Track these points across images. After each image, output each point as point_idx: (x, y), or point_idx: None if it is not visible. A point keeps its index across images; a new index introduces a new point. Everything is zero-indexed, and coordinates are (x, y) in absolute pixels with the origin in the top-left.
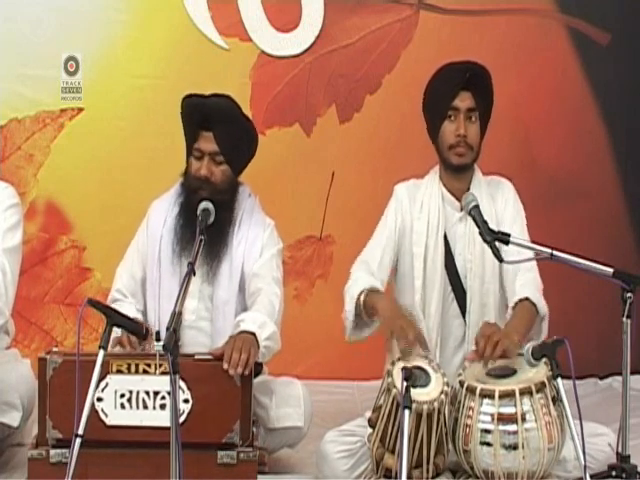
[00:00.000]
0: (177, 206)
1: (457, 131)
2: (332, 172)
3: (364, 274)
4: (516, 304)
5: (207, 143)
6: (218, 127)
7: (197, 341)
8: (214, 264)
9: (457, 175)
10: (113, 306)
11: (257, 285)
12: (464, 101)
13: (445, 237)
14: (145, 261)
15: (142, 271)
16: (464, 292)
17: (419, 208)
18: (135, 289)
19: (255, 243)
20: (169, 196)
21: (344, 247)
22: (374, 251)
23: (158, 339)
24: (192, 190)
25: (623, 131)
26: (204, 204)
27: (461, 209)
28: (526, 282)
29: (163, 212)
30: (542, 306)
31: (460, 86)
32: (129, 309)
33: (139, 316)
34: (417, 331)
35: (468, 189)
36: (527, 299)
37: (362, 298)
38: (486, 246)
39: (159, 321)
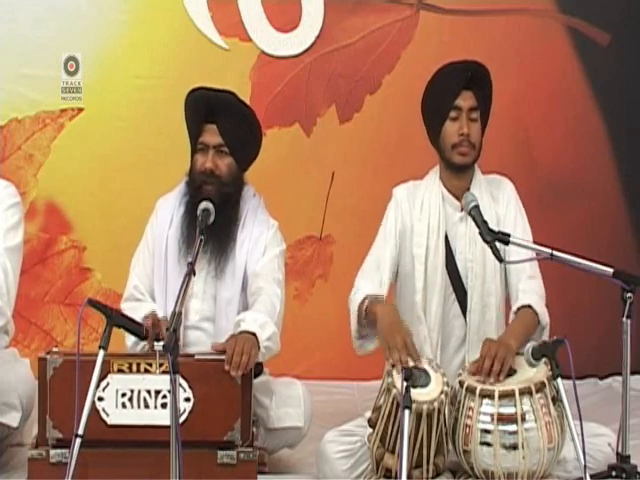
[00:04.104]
0: (183, 205)
1: (460, 130)
2: (332, 172)
3: (367, 282)
4: (519, 309)
5: (211, 136)
6: (222, 119)
7: (200, 341)
8: (220, 262)
9: (458, 175)
10: (135, 304)
11: (258, 284)
12: (466, 100)
13: (446, 237)
14: (154, 259)
15: (152, 269)
16: (465, 292)
17: (419, 209)
18: (150, 287)
19: (258, 242)
20: (175, 195)
21: (344, 247)
22: (376, 259)
23: (158, 339)
24: (197, 186)
25: (623, 131)
26: (204, 204)
27: (462, 209)
28: (529, 289)
29: (169, 211)
30: (544, 316)
31: (462, 85)
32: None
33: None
34: (409, 351)
35: (468, 188)
36: (530, 307)
37: (365, 304)
38: (487, 246)
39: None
